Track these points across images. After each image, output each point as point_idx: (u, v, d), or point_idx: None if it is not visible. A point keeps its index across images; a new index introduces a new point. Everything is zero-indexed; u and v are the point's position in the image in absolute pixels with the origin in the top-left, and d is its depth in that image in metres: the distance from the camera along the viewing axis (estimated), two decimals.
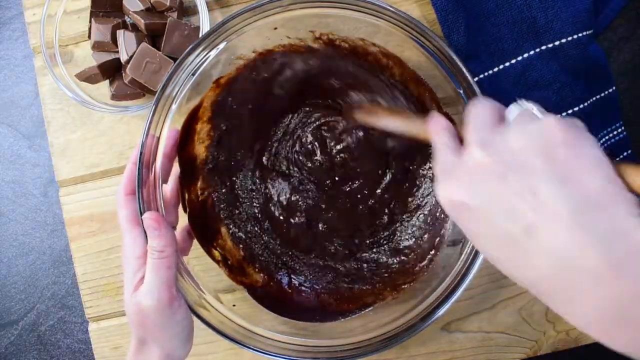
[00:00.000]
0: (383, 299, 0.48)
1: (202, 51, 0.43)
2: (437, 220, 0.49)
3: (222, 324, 0.44)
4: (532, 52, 0.48)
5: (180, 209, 0.47)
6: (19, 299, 0.58)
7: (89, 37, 0.52)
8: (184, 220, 0.48)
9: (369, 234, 0.51)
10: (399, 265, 0.50)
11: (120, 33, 0.49)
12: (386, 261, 0.50)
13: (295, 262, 0.51)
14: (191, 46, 0.42)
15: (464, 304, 0.52)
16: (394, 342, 0.42)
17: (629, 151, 0.52)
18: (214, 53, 0.44)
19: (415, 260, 0.49)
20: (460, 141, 0.33)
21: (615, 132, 0.51)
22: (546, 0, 0.47)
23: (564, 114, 0.49)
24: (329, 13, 0.44)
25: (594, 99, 0.50)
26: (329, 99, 0.50)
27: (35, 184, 0.58)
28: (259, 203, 0.51)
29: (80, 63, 0.53)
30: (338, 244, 0.51)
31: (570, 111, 0.49)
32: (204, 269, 0.48)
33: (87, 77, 0.51)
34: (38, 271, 0.58)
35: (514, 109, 0.31)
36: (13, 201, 0.58)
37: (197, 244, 0.48)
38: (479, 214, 0.28)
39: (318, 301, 0.50)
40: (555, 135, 0.27)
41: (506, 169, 0.27)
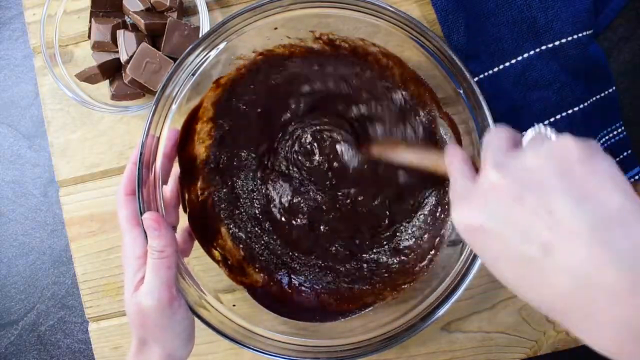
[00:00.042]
0: (383, 299, 0.48)
1: (202, 51, 0.43)
2: (437, 221, 0.49)
3: (222, 324, 0.44)
4: (532, 52, 0.48)
5: (181, 210, 0.47)
6: (19, 299, 0.58)
7: (89, 37, 0.52)
8: (184, 221, 0.48)
9: (369, 234, 0.51)
10: (399, 265, 0.50)
11: (120, 33, 0.49)
12: (386, 261, 0.50)
13: (296, 263, 0.51)
14: (191, 46, 0.42)
15: (464, 304, 0.52)
16: (394, 342, 0.42)
17: (629, 151, 0.52)
18: (214, 53, 0.44)
19: (415, 260, 0.49)
20: (476, 170, 0.33)
21: (615, 132, 0.51)
22: (546, 0, 0.47)
23: (563, 113, 0.49)
24: (329, 13, 0.44)
25: (594, 99, 0.50)
26: (334, 105, 0.50)
27: (35, 184, 0.58)
28: (259, 204, 0.51)
29: (80, 63, 0.53)
30: (339, 245, 0.51)
31: (570, 111, 0.49)
32: (204, 269, 0.48)
33: (87, 77, 0.51)
34: (38, 271, 0.58)
35: (529, 133, 0.31)
36: (13, 201, 0.58)
37: (197, 244, 0.48)
38: (495, 235, 0.28)
39: (318, 301, 0.50)
40: (571, 153, 0.27)
41: (522, 189, 0.27)
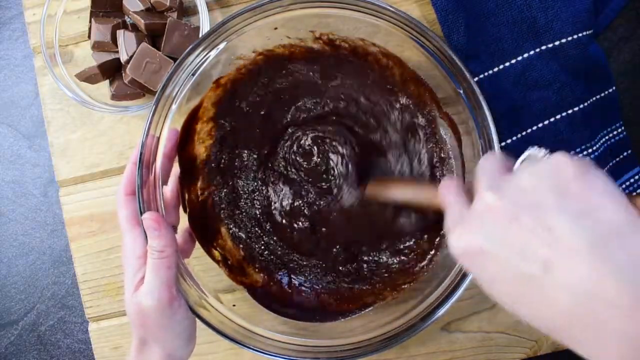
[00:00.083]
0: (383, 299, 0.48)
1: (202, 51, 0.43)
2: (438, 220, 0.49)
3: (222, 324, 0.44)
4: (532, 52, 0.48)
5: (182, 210, 0.47)
6: (19, 299, 0.58)
7: (89, 37, 0.52)
8: (185, 221, 0.48)
9: (369, 235, 0.51)
10: (399, 265, 0.50)
11: (120, 33, 0.49)
12: (386, 261, 0.50)
13: (296, 263, 0.51)
14: (191, 46, 0.42)
15: (464, 304, 0.52)
16: (394, 342, 0.42)
17: (629, 151, 0.52)
18: (214, 53, 0.44)
19: (415, 260, 0.49)
20: (471, 199, 0.33)
21: (615, 132, 0.51)
22: (546, 0, 0.47)
23: (563, 113, 0.49)
24: (329, 13, 0.44)
25: (594, 99, 0.50)
26: (338, 116, 0.51)
27: (35, 184, 0.58)
28: (260, 204, 0.51)
29: (80, 63, 0.53)
30: (339, 246, 0.51)
31: (570, 111, 0.49)
32: (204, 269, 0.48)
33: (87, 77, 0.51)
34: (38, 271, 0.58)
35: (522, 156, 0.31)
36: (13, 201, 0.58)
37: (197, 245, 0.48)
38: (493, 256, 0.27)
39: (318, 301, 0.50)
40: (566, 171, 0.27)
41: (518, 208, 0.27)
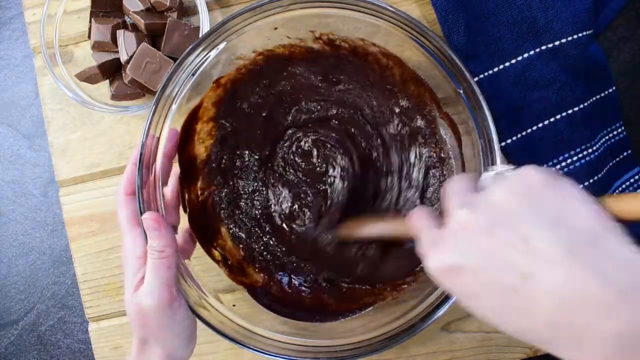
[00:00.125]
0: (383, 299, 0.48)
1: (202, 51, 0.43)
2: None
3: (222, 324, 0.44)
4: (532, 52, 0.48)
5: (181, 210, 0.47)
6: (19, 299, 0.58)
7: (89, 37, 0.52)
8: (185, 221, 0.48)
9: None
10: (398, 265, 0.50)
11: (120, 33, 0.49)
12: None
13: (295, 264, 0.51)
14: (191, 46, 0.42)
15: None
16: (394, 342, 0.42)
17: (629, 151, 0.52)
18: (214, 53, 0.44)
19: (415, 260, 0.49)
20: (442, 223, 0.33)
21: (615, 132, 0.51)
22: (546, 0, 0.47)
23: (563, 113, 0.49)
24: (329, 13, 0.44)
25: (594, 99, 0.50)
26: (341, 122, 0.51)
27: (35, 184, 0.58)
28: (260, 205, 0.51)
29: (80, 63, 0.53)
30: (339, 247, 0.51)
31: (570, 111, 0.49)
32: (204, 269, 0.48)
33: (87, 77, 0.51)
34: (38, 271, 0.58)
35: (489, 174, 0.31)
36: (13, 201, 0.58)
37: (197, 245, 0.48)
38: (472, 272, 0.27)
39: (318, 301, 0.50)
40: (535, 182, 0.27)
41: (492, 222, 0.27)
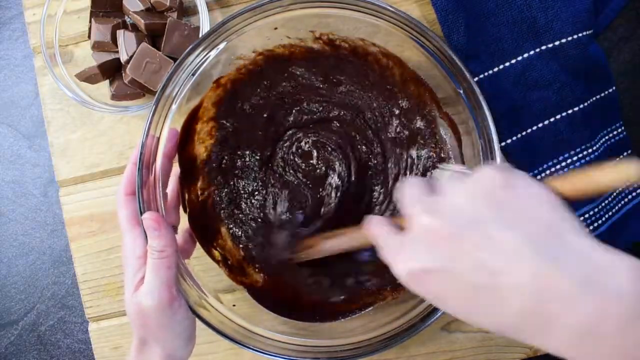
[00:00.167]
0: (383, 299, 0.48)
1: (202, 51, 0.43)
2: None
3: (222, 324, 0.44)
4: (532, 52, 0.48)
5: (181, 210, 0.47)
6: (19, 299, 0.58)
7: (89, 37, 0.52)
8: (185, 221, 0.48)
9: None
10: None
11: (120, 33, 0.49)
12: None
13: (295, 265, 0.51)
14: (191, 46, 0.42)
15: None
16: (394, 342, 0.42)
17: (629, 151, 0.52)
18: (214, 53, 0.44)
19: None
20: (400, 228, 0.34)
21: (615, 132, 0.51)
22: (546, 0, 0.47)
23: (563, 113, 0.49)
24: (329, 13, 0.44)
25: (594, 99, 0.50)
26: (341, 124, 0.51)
27: (35, 184, 0.58)
28: (260, 205, 0.51)
29: (80, 63, 0.53)
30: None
31: (570, 111, 0.49)
32: (204, 269, 0.48)
33: (87, 77, 0.51)
34: (38, 271, 0.58)
35: (442, 173, 0.32)
36: (13, 201, 0.58)
37: (197, 245, 0.48)
38: (442, 275, 0.29)
39: (318, 301, 0.50)
40: (493, 182, 0.29)
41: (457, 225, 0.28)
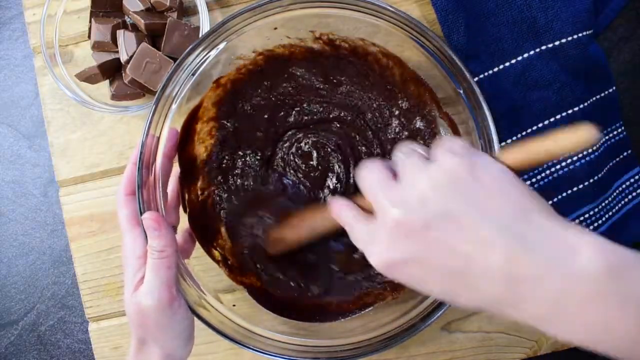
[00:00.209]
0: (383, 299, 0.48)
1: (202, 51, 0.43)
2: None
3: (222, 324, 0.44)
4: (532, 52, 0.48)
5: (181, 210, 0.47)
6: (19, 299, 0.58)
7: (89, 37, 0.52)
8: (185, 221, 0.48)
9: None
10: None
11: (120, 33, 0.49)
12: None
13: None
14: (191, 46, 0.42)
15: None
16: (394, 342, 0.42)
17: (629, 151, 0.52)
18: (214, 53, 0.44)
19: None
20: (362, 209, 0.35)
21: (615, 132, 0.51)
22: (546, 0, 0.47)
23: (563, 113, 0.49)
24: (329, 13, 0.44)
25: (594, 99, 0.50)
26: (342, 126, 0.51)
27: (35, 184, 0.58)
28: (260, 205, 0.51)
29: (80, 63, 0.53)
30: (340, 250, 0.51)
31: (570, 111, 0.49)
32: (204, 269, 0.48)
33: (87, 77, 0.51)
34: (38, 271, 0.58)
35: (399, 156, 0.33)
36: (13, 201, 0.58)
37: (197, 245, 0.48)
38: (418, 264, 0.30)
39: (318, 301, 0.50)
40: (457, 170, 0.30)
41: (427, 217, 0.29)
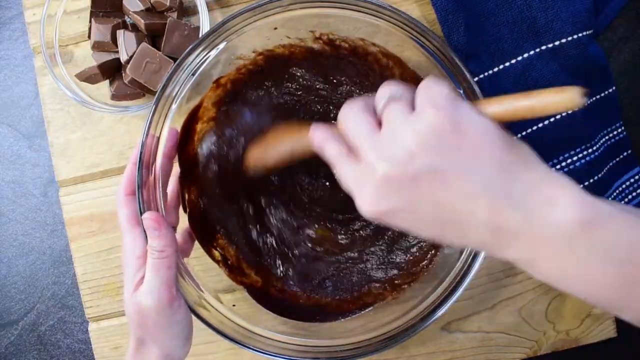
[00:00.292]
0: (383, 299, 0.48)
1: (202, 51, 0.43)
2: None
3: (222, 324, 0.44)
4: (532, 52, 0.48)
5: (181, 210, 0.47)
6: (19, 299, 0.58)
7: (89, 37, 0.52)
8: (184, 221, 0.48)
9: (370, 238, 0.50)
10: (398, 265, 0.50)
11: (120, 33, 0.49)
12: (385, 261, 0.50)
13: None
14: (191, 46, 0.42)
15: (464, 304, 0.52)
16: (394, 342, 0.42)
17: (629, 151, 0.52)
18: (214, 53, 0.44)
19: (415, 260, 0.49)
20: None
21: (615, 132, 0.51)
22: (546, 0, 0.47)
23: (563, 113, 0.49)
24: (329, 13, 0.44)
25: (594, 99, 0.50)
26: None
27: (35, 184, 0.58)
28: (259, 205, 0.51)
29: (80, 63, 0.53)
30: (340, 251, 0.51)
31: (570, 111, 0.49)
32: (204, 269, 0.48)
33: (87, 77, 0.51)
34: (38, 271, 0.58)
35: (383, 98, 0.32)
36: (13, 201, 0.58)
37: (197, 244, 0.48)
38: (407, 213, 0.31)
39: (318, 301, 0.50)
40: (442, 125, 0.30)
41: (414, 172, 0.30)
